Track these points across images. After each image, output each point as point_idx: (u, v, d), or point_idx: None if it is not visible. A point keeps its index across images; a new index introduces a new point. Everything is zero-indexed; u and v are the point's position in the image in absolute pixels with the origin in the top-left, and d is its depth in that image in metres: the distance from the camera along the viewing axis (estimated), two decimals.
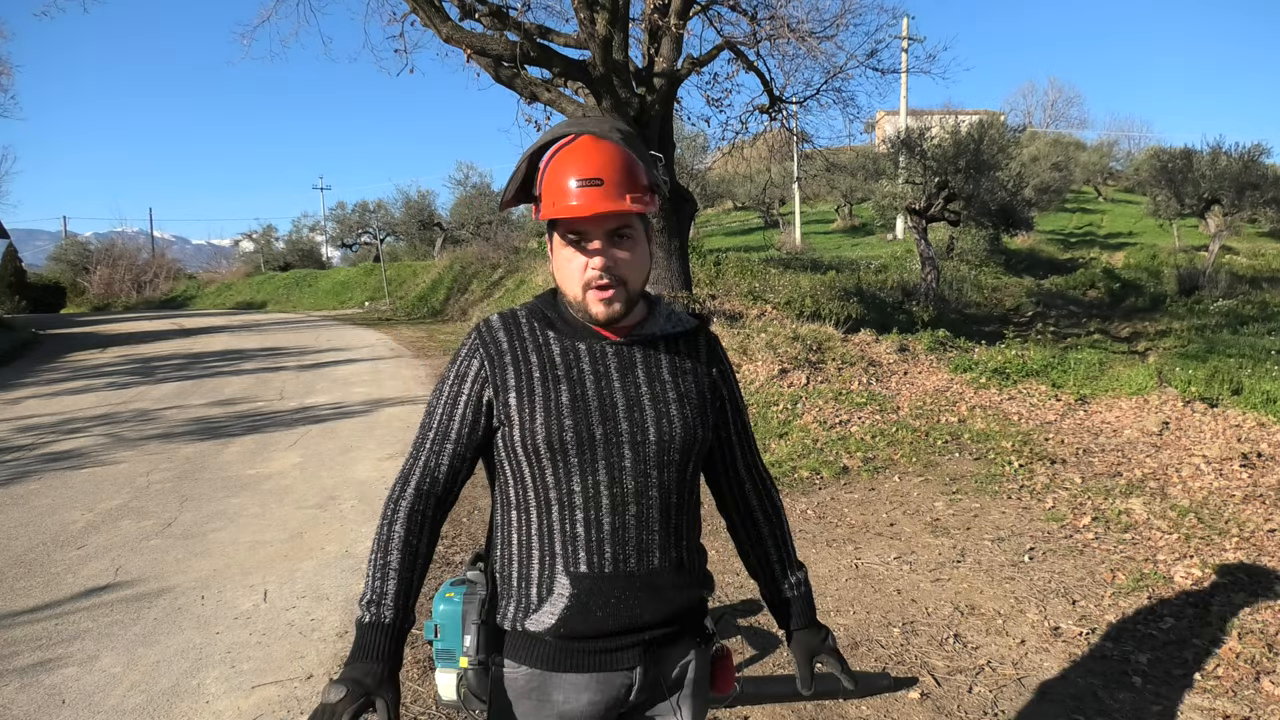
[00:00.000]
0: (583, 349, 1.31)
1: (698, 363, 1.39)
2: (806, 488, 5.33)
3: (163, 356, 13.68)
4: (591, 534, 1.27)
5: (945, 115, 32.57)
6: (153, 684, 3.11)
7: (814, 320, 9.93)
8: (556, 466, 1.26)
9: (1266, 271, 21.37)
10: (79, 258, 40.86)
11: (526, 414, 1.27)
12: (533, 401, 1.27)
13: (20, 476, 6.21)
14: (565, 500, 1.27)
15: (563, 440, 1.25)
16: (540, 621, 1.28)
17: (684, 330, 1.39)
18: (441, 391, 1.34)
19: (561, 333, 1.32)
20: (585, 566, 1.28)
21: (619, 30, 8.23)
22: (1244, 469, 4.89)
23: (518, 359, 1.30)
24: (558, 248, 1.29)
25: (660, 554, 1.32)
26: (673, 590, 1.35)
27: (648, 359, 1.34)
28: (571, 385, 1.28)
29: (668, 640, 1.35)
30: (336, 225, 37.94)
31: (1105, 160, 39.62)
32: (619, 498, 1.28)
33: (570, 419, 1.26)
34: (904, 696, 2.88)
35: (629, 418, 1.29)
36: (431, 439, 1.32)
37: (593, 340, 1.32)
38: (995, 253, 22.78)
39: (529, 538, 1.31)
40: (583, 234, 1.25)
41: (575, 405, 1.27)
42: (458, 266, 23.64)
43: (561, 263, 1.29)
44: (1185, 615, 3.36)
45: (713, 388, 1.40)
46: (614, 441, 1.28)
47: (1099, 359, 8.48)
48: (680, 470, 1.33)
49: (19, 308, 28.79)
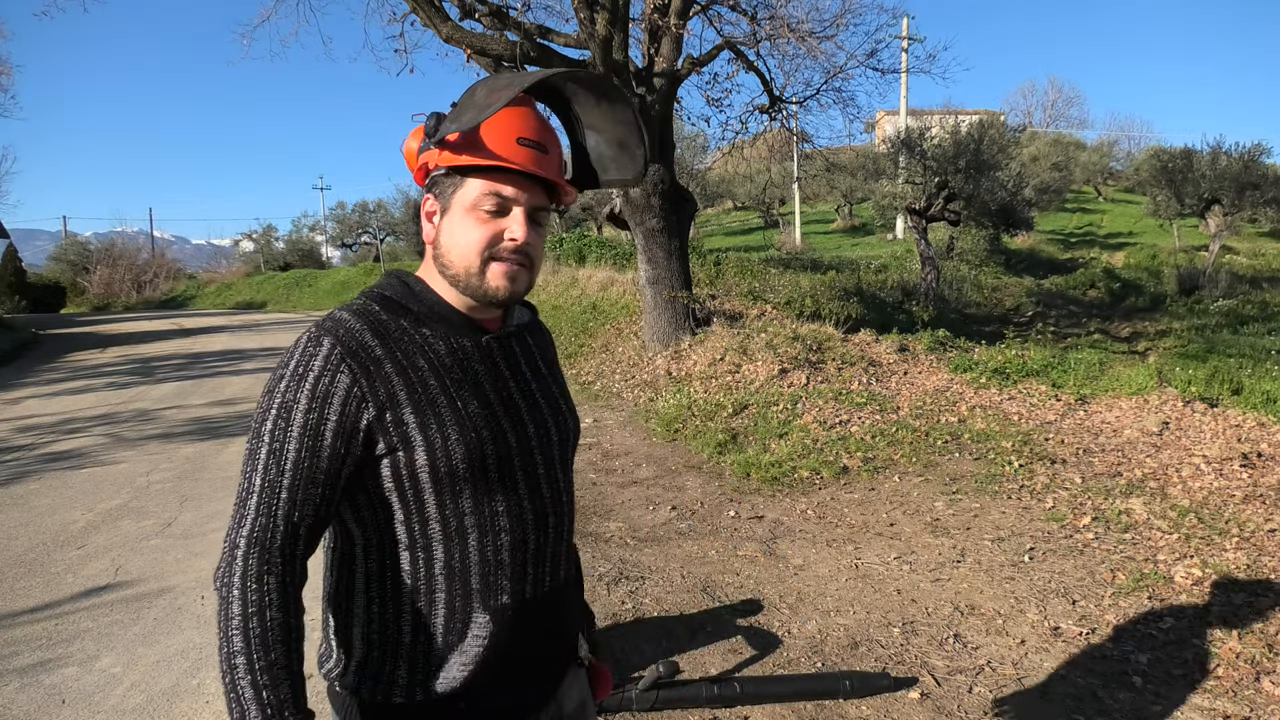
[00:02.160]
0: (469, 346, 1.13)
1: (549, 349, 1.31)
2: (806, 488, 5.33)
3: (163, 356, 13.68)
4: (518, 557, 1.12)
5: (945, 115, 32.60)
6: (153, 684, 3.11)
7: (814, 320, 9.93)
8: (476, 487, 1.08)
9: (1267, 271, 21.37)
10: (79, 258, 40.87)
11: (434, 432, 1.05)
12: (438, 416, 1.06)
13: (20, 476, 6.21)
14: (486, 525, 1.09)
15: (483, 456, 1.07)
16: (450, 678, 1.08)
17: (530, 320, 1.29)
18: (290, 423, 1.02)
19: (438, 329, 1.12)
20: (508, 596, 1.11)
21: (619, 30, 8.22)
22: (1244, 469, 4.89)
23: (402, 367, 1.06)
24: (461, 210, 1.10)
25: (567, 563, 1.23)
26: (576, 600, 1.30)
27: (525, 352, 1.22)
28: (475, 390, 1.10)
29: (568, 664, 1.26)
30: (336, 225, 37.98)
31: (1105, 160, 39.63)
32: (540, 510, 1.15)
33: (487, 430, 1.08)
34: (904, 696, 2.88)
35: (533, 419, 1.16)
36: (289, 486, 1.01)
37: (475, 334, 1.14)
38: (995, 253, 22.78)
39: (430, 580, 1.08)
40: (506, 200, 1.10)
41: (487, 414, 1.10)
42: None
43: (464, 228, 1.10)
44: (1185, 615, 3.36)
45: (563, 376, 1.33)
46: (526, 448, 1.13)
47: (1099, 359, 8.49)
48: (571, 467, 1.25)
49: (19, 308, 28.79)
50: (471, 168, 1.09)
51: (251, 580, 1.00)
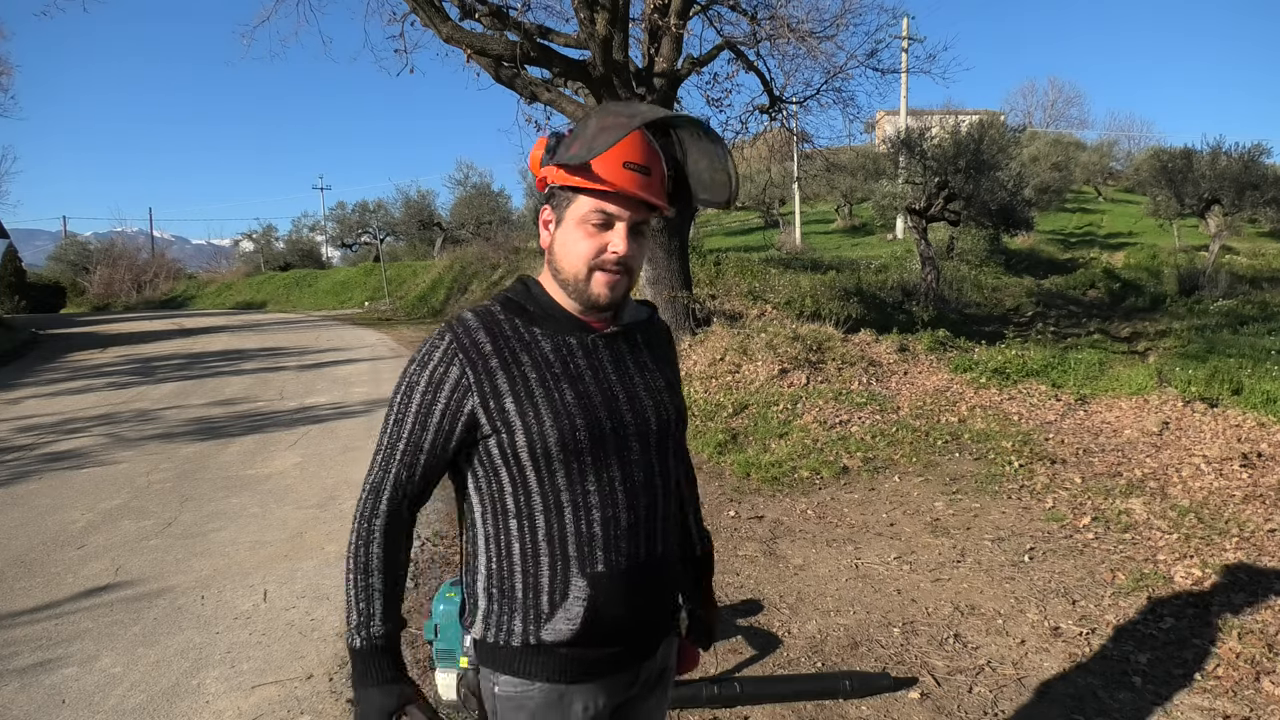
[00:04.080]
0: (574, 344, 1.28)
1: (665, 348, 1.45)
2: (806, 488, 5.33)
3: (163, 356, 13.68)
4: (609, 531, 1.26)
5: (945, 115, 32.59)
6: (153, 684, 3.11)
7: (814, 320, 9.93)
8: (570, 468, 1.24)
9: (1267, 271, 21.34)
10: (79, 258, 40.88)
11: (531, 418, 1.22)
12: (534, 404, 1.23)
13: (20, 476, 6.21)
14: (579, 501, 1.25)
15: (576, 440, 1.23)
16: (557, 630, 1.25)
17: (646, 318, 1.43)
18: (411, 400, 1.25)
19: (548, 328, 1.28)
20: (603, 565, 1.26)
21: (619, 30, 8.22)
22: (1244, 469, 4.89)
23: (506, 362, 1.24)
24: (573, 223, 1.26)
25: (664, 541, 1.35)
26: (675, 576, 1.41)
27: (633, 349, 1.36)
28: (573, 383, 1.26)
29: (665, 631, 1.40)
30: (336, 225, 37.95)
31: (1105, 160, 39.61)
32: (633, 491, 1.28)
33: (581, 418, 1.24)
34: (904, 696, 2.88)
35: (631, 409, 1.30)
36: (403, 450, 1.26)
37: (582, 333, 1.30)
38: (995, 253, 22.76)
39: (535, 545, 1.26)
40: (611, 217, 1.25)
41: (582, 403, 1.25)
42: (458, 266, 23.65)
43: (572, 239, 1.26)
44: (1185, 615, 3.36)
45: (676, 370, 1.47)
46: (622, 435, 1.28)
47: (1099, 359, 8.47)
48: (675, 454, 1.38)
49: (19, 308, 28.80)
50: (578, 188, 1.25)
51: (363, 520, 1.26)
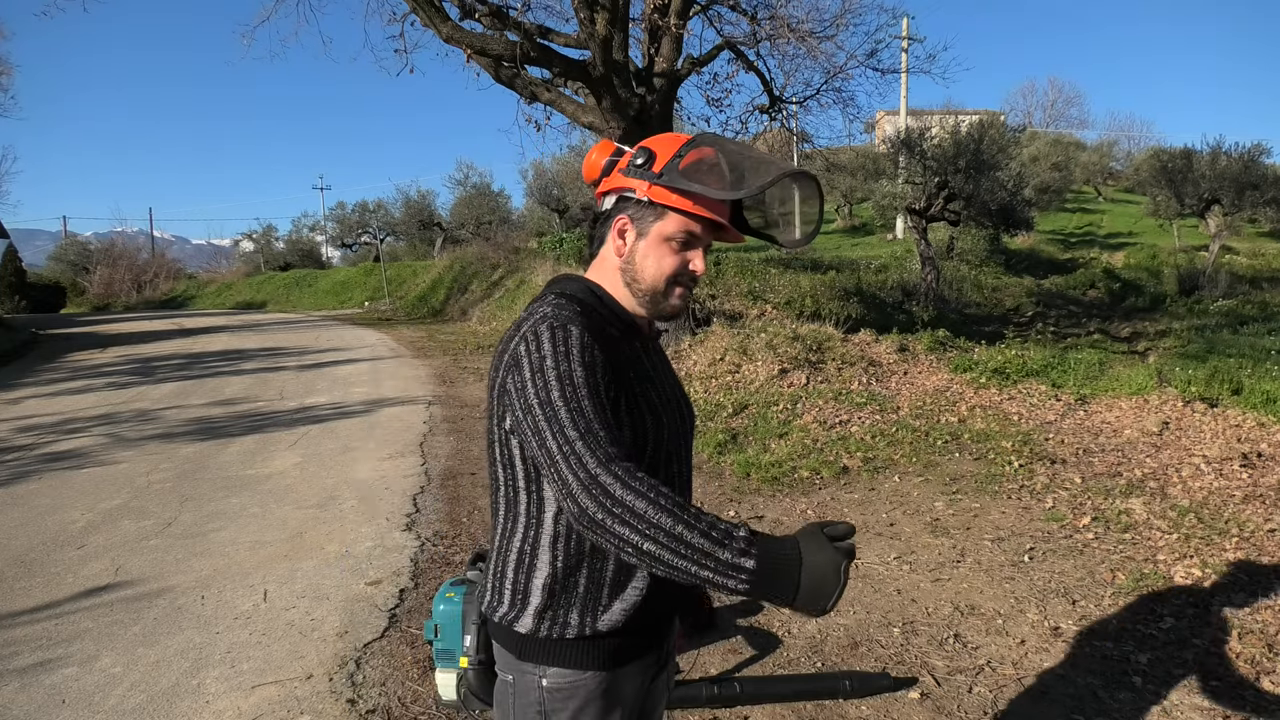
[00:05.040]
0: (638, 347, 1.37)
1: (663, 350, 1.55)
2: (806, 488, 5.33)
3: (163, 356, 13.68)
4: None
5: (945, 115, 32.56)
6: (153, 684, 3.11)
7: (814, 320, 9.93)
8: (655, 463, 1.31)
9: (1266, 271, 21.33)
10: (79, 258, 40.87)
11: (637, 416, 1.27)
12: (635, 403, 1.28)
13: (20, 476, 6.21)
14: None
15: (662, 439, 1.31)
16: (611, 620, 1.29)
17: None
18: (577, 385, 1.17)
19: (620, 332, 1.35)
20: None
21: (619, 30, 8.22)
22: (1244, 469, 4.89)
23: (610, 355, 1.28)
24: (657, 240, 1.31)
25: None
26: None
27: (663, 354, 1.48)
28: (652, 384, 1.35)
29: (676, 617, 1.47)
30: (336, 225, 37.91)
31: (1105, 160, 39.59)
32: (684, 486, 1.40)
33: (665, 416, 1.33)
34: (904, 696, 2.88)
35: (678, 409, 1.39)
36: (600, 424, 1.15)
37: (639, 339, 1.38)
38: (995, 253, 22.75)
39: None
40: (694, 238, 1.32)
41: (664, 402, 1.34)
42: (458, 267, 23.63)
43: (656, 255, 1.31)
44: (1185, 615, 3.36)
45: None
46: (681, 433, 1.38)
47: (1099, 359, 8.47)
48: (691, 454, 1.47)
49: (19, 308, 28.79)
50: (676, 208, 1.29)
51: (630, 479, 1.08)
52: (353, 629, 3.52)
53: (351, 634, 3.47)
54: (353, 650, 3.33)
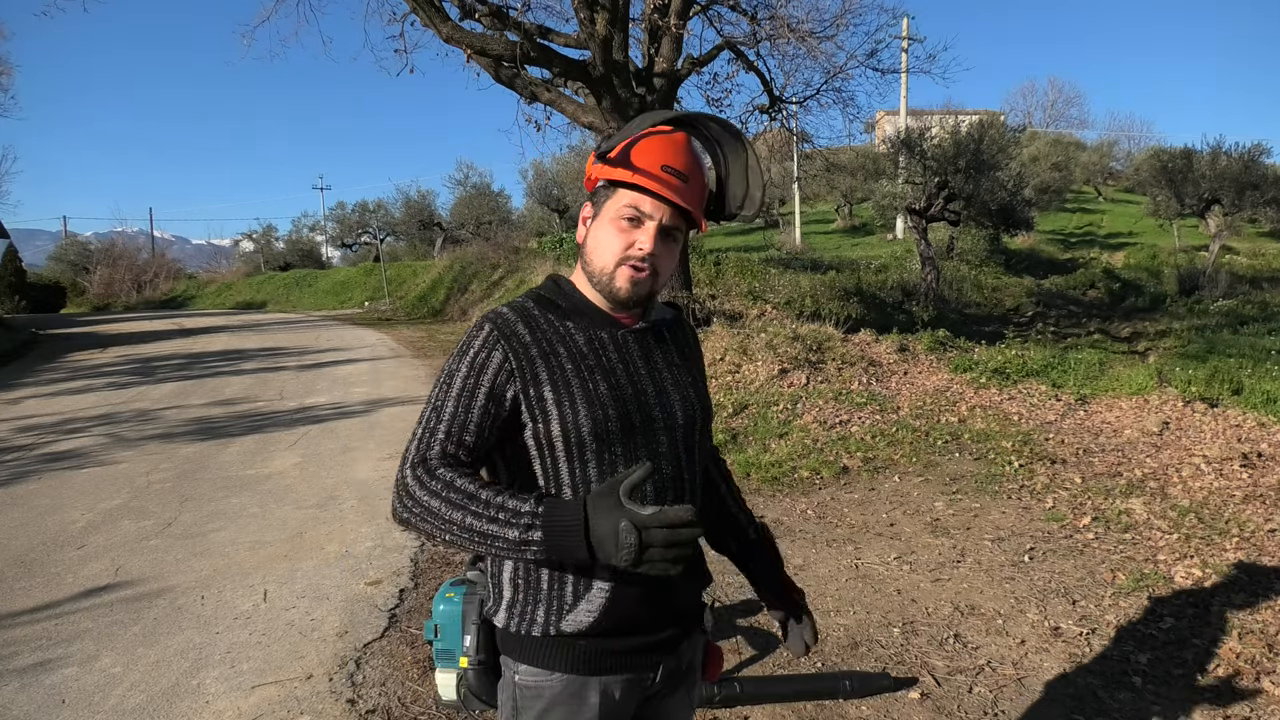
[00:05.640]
0: (606, 338, 1.32)
1: (689, 345, 1.48)
2: (806, 488, 5.33)
3: (163, 356, 13.68)
4: None
5: (945, 115, 32.57)
6: (153, 684, 3.11)
7: (814, 320, 9.93)
8: (601, 459, 1.26)
9: (1267, 271, 21.34)
10: (79, 258, 40.86)
11: (567, 407, 1.24)
12: (571, 394, 1.25)
13: (20, 476, 6.21)
14: None
15: (608, 431, 1.25)
16: (577, 622, 1.26)
17: (672, 317, 1.47)
18: (451, 385, 1.25)
19: (580, 322, 1.32)
20: None
21: (619, 30, 8.23)
22: (1244, 469, 4.89)
23: (545, 352, 1.27)
24: (607, 219, 1.30)
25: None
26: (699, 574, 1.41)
27: (661, 346, 1.39)
28: (605, 375, 1.28)
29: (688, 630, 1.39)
30: (336, 225, 37.94)
31: (1105, 160, 39.61)
32: (659, 484, 1.30)
33: (614, 408, 1.26)
34: (904, 696, 2.88)
35: (659, 403, 1.32)
36: (444, 429, 1.23)
37: (613, 329, 1.33)
38: (995, 253, 22.75)
39: None
40: (643, 215, 1.28)
41: (615, 394, 1.28)
42: (458, 266, 23.62)
43: (605, 234, 1.30)
44: (1185, 615, 3.36)
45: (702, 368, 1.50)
46: (652, 428, 1.30)
47: (1099, 359, 8.48)
48: (700, 450, 1.40)
49: (19, 308, 28.78)
50: (623, 183, 1.28)
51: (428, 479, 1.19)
52: (353, 629, 3.52)
53: (351, 634, 3.47)
54: (353, 650, 3.33)
